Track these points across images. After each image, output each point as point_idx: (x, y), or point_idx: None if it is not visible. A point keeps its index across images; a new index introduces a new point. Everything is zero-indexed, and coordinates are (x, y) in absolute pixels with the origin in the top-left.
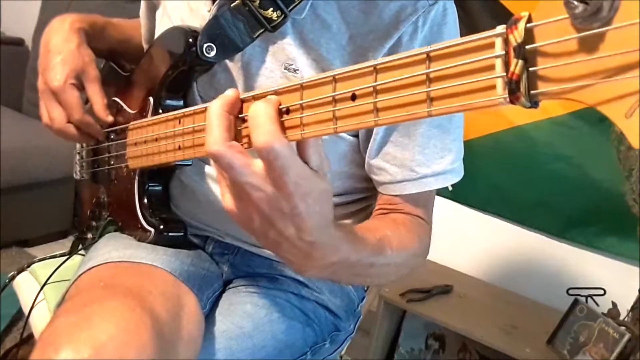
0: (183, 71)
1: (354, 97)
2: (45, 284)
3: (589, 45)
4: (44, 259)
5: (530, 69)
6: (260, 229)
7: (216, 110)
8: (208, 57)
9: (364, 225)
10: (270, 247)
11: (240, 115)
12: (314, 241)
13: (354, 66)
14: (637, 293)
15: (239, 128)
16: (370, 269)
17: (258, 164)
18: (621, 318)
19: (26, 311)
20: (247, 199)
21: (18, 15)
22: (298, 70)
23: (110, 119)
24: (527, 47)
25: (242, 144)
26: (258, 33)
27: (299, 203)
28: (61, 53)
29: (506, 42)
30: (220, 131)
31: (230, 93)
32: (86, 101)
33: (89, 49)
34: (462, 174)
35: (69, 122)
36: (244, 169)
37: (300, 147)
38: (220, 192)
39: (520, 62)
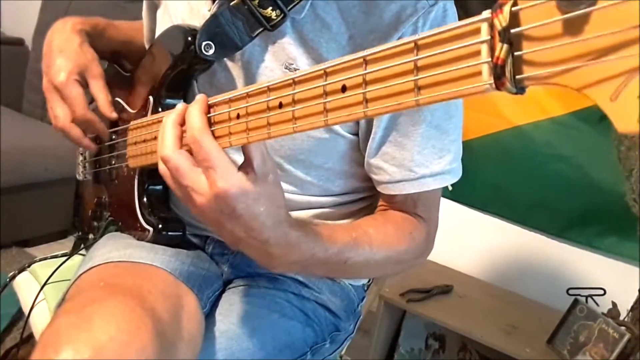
0: (182, 70)
1: (344, 89)
2: (45, 284)
3: (574, 27)
4: (44, 259)
5: (516, 53)
6: (218, 230)
7: (169, 122)
8: (207, 56)
9: (342, 224)
10: (233, 246)
11: (232, 109)
12: (267, 240)
13: (343, 58)
14: (637, 293)
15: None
16: (346, 265)
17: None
18: (621, 318)
19: (26, 311)
20: (194, 204)
21: (18, 15)
22: (298, 70)
23: (114, 115)
24: (512, 31)
25: (231, 141)
26: (257, 32)
27: (236, 204)
28: (64, 51)
29: (492, 26)
30: (171, 139)
31: (180, 106)
32: (91, 101)
33: (91, 48)
34: (460, 174)
35: (73, 121)
36: (187, 172)
37: (244, 147)
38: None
39: (505, 46)
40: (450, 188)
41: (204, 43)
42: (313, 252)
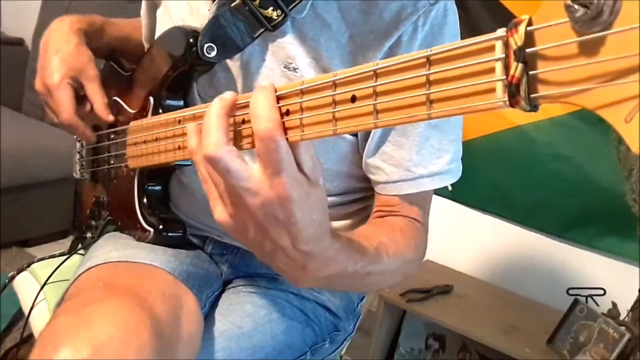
0: (183, 71)
1: (353, 99)
2: (45, 283)
3: (589, 49)
4: (44, 258)
5: (530, 72)
6: (254, 238)
7: (216, 112)
8: (209, 58)
9: (361, 233)
10: (265, 259)
11: (237, 114)
12: (310, 252)
13: (353, 69)
14: (637, 293)
15: (238, 129)
16: (367, 278)
17: (255, 169)
18: (621, 318)
19: (26, 311)
20: (242, 205)
21: (18, 15)
22: (298, 69)
23: (111, 117)
24: (527, 50)
25: (242, 145)
26: (258, 32)
27: (295, 210)
28: (60, 52)
29: (506, 45)
30: (219, 134)
31: (229, 95)
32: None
33: (88, 49)
34: (460, 174)
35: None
36: (242, 173)
37: (295, 151)
38: (211, 204)
39: (520, 65)
40: (450, 188)
41: (205, 45)
42: (345, 265)
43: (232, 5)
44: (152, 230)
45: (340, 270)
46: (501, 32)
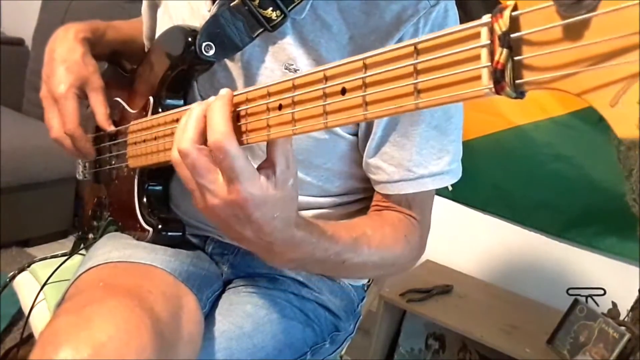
0: (183, 70)
1: (343, 91)
2: (45, 284)
3: (574, 32)
4: (44, 258)
5: (516, 57)
6: (222, 226)
7: (196, 113)
8: (207, 56)
9: (345, 224)
10: (234, 241)
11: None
12: (274, 241)
13: (343, 60)
14: (637, 293)
15: (238, 124)
16: (343, 265)
17: (220, 173)
18: (621, 318)
19: (26, 311)
20: (207, 201)
21: (18, 15)
22: (298, 70)
23: (112, 128)
24: (512, 35)
25: (242, 140)
26: (257, 33)
27: (253, 211)
28: (66, 62)
29: (492, 31)
30: (193, 132)
31: (212, 100)
32: (87, 105)
33: (93, 59)
34: (460, 175)
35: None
36: (206, 172)
37: (269, 149)
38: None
39: (505, 51)
40: (450, 188)
41: (204, 44)
42: (313, 252)
43: (232, 4)
44: (151, 229)
45: (306, 255)
46: (487, 18)
